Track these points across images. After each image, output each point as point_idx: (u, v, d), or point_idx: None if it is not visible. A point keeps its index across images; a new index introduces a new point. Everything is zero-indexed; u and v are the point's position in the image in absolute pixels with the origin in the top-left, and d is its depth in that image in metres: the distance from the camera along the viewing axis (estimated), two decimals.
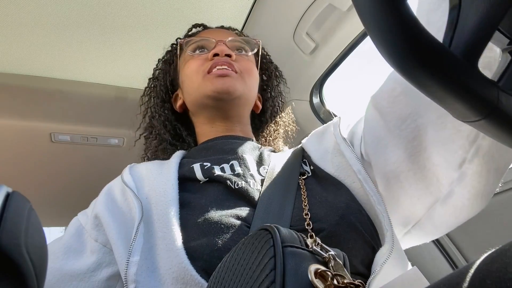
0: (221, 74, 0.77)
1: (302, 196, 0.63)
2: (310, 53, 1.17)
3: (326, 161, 0.69)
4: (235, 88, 0.77)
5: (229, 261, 0.42)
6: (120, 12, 1.09)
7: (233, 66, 0.79)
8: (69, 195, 1.65)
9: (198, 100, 0.81)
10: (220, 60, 0.79)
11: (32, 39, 1.14)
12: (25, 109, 1.32)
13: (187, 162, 0.73)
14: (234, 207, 0.61)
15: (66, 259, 0.62)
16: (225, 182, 0.65)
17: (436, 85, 0.29)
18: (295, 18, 1.12)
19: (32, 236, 0.32)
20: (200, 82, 0.79)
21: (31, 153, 1.44)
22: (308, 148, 0.75)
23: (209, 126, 0.83)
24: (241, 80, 0.80)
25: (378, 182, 0.65)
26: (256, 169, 0.71)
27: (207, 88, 0.77)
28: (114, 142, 1.49)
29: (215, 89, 0.76)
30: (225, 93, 0.77)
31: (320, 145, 0.73)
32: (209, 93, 0.77)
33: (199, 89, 0.79)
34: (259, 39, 0.92)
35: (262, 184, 0.66)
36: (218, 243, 0.54)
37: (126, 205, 0.66)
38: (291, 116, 1.03)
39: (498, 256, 0.26)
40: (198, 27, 0.98)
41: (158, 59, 0.97)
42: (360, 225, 0.59)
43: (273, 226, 0.40)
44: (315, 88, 1.33)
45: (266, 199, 0.62)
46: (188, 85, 0.83)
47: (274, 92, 0.98)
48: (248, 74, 0.82)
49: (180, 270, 0.52)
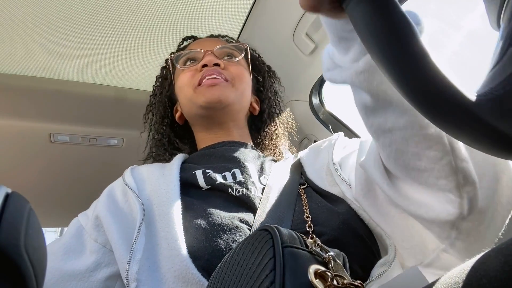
0: (210, 84, 0.80)
1: (303, 201, 0.64)
2: (310, 53, 1.17)
3: (320, 178, 0.70)
4: (226, 96, 0.80)
5: (229, 261, 0.42)
6: (120, 13, 1.09)
7: (222, 74, 0.82)
8: (69, 195, 1.65)
9: (192, 111, 0.84)
10: (208, 70, 0.81)
11: (31, 39, 1.14)
12: (24, 110, 1.32)
13: (189, 167, 0.74)
14: (236, 212, 0.62)
15: (66, 259, 0.62)
16: (227, 190, 0.66)
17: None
18: (295, 19, 1.12)
19: (32, 236, 0.32)
20: (192, 94, 0.82)
21: (30, 154, 1.44)
22: (304, 162, 0.76)
23: (207, 133, 0.86)
24: (232, 87, 0.82)
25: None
26: (258, 177, 0.72)
27: (199, 99, 0.80)
28: (114, 143, 1.49)
29: (206, 99, 0.79)
30: (216, 102, 0.79)
31: (316, 161, 0.75)
32: (201, 103, 0.80)
33: (191, 101, 0.82)
34: (247, 43, 0.94)
35: (263, 192, 0.67)
36: (220, 243, 0.55)
37: (127, 206, 0.66)
38: (289, 114, 1.04)
39: (495, 255, 0.26)
40: (189, 39, 1.00)
41: (156, 76, 1.00)
42: (360, 230, 0.59)
43: (273, 227, 0.41)
44: (314, 89, 1.33)
45: (267, 204, 0.63)
46: (182, 98, 0.87)
47: (270, 92, 0.99)
48: (239, 79, 0.84)
49: (181, 269, 0.53)
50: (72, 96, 1.35)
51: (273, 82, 1.01)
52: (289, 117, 1.03)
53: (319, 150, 0.77)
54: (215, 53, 0.86)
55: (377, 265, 0.55)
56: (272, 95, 0.99)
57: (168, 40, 0.98)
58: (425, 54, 0.28)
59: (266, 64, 1.01)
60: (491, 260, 0.26)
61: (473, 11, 0.86)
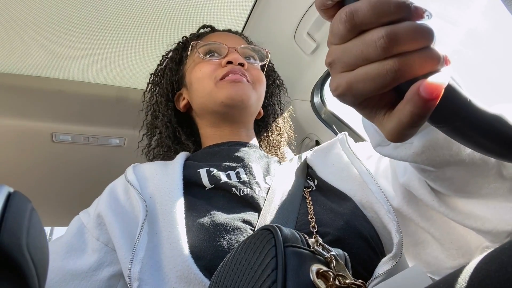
0: (234, 79, 0.78)
1: (308, 203, 0.64)
2: (311, 53, 1.17)
3: (332, 174, 0.70)
4: (248, 96, 0.79)
5: (231, 261, 0.42)
6: (121, 12, 1.09)
7: (246, 75, 0.80)
8: (70, 195, 1.65)
9: (208, 106, 0.81)
10: (234, 68, 0.79)
11: (33, 39, 1.14)
12: (26, 109, 1.33)
13: (193, 165, 0.73)
14: (240, 213, 0.61)
15: (68, 258, 0.62)
16: (231, 189, 0.66)
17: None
18: (296, 18, 1.12)
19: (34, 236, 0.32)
20: (213, 87, 0.79)
21: (32, 153, 1.44)
22: (313, 163, 0.75)
23: (214, 130, 0.84)
24: (253, 89, 0.81)
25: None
26: (262, 177, 0.72)
27: (220, 94, 0.78)
28: (115, 142, 1.50)
29: (229, 95, 0.77)
30: (239, 100, 0.77)
31: (326, 159, 0.74)
32: (223, 99, 0.77)
33: (211, 94, 0.79)
34: (268, 49, 0.92)
35: (267, 193, 0.66)
36: (222, 243, 0.55)
37: (129, 204, 0.66)
38: (289, 123, 1.05)
39: (498, 256, 0.26)
40: (206, 28, 0.98)
41: (162, 55, 0.97)
42: (365, 231, 0.59)
43: (274, 226, 0.40)
44: (316, 88, 1.33)
45: (271, 206, 0.62)
46: (198, 89, 0.83)
47: (275, 99, 0.99)
48: (259, 83, 0.84)
49: (184, 269, 0.52)
50: (74, 96, 1.35)
51: (280, 91, 1.01)
52: (289, 127, 1.03)
53: (328, 149, 0.77)
54: (239, 52, 0.84)
55: (381, 263, 0.54)
56: (276, 103, 0.99)
57: (170, 39, 0.98)
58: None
59: (276, 72, 1.01)
60: (494, 260, 0.26)
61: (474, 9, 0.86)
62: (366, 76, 0.29)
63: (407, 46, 0.28)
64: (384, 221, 0.60)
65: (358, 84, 0.29)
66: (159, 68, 0.96)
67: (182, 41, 0.94)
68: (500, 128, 0.32)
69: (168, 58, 0.95)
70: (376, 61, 0.28)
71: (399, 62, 0.28)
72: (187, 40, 0.96)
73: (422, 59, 0.28)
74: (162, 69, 0.95)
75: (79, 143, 1.45)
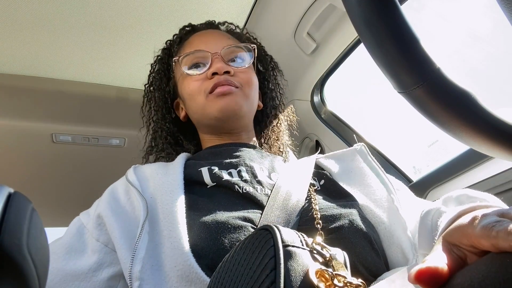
0: (223, 92, 0.77)
1: (312, 201, 0.64)
2: (311, 53, 1.17)
3: (348, 179, 0.74)
4: (239, 105, 0.78)
5: (230, 261, 0.42)
6: (121, 12, 1.09)
7: (233, 82, 0.79)
8: (71, 195, 1.66)
9: (203, 120, 0.82)
10: (220, 80, 0.78)
11: (33, 40, 1.14)
12: (26, 110, 1.33)
13: (194, 164, 0.73)
14: (242, 210, 0.61)
15: (68, 259, 0.62)
16: (233, 187, 0.66)
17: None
18: (296, 18, 1.12)
19: (34, 236, 0.32)
20: (204, 102, 0.79)
21: (32, 154, 1.44)
22: (326, 165, 0.79)
23: (215, 136, 0.85)
24: (243, 94, 0.80)
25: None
26: (266, 175, 0.72)
27: (212, 109, 0.78)
28: (115, 143, 1.50)
29: (220, 109, 0.77)
30: (231, 112, 0.78)
31: (343, 165, 0.79)
32: (215, 114, 0.78)
33: (204, 109, 0.80)
34: (254, 43, 0.91)
35: (272, 189, 0.66)
36: (224, 242, 0.55)
37: (129, 204, 0.66)
38: (291, 108, 1.02)
39: (498, 256, 0.26)
40: (187, 28, 0.95)
41: (151, 64, 0.95)
42: (369, 233, 0.60)
43: (273, 226, 0.40)
44: (316, 88, 1.33)
45: (275, 204, 0.62)
46: (191, 105, 0.83)
47: (272, 84, 0.97)
48: (248, 86, 0.82)
49: (185, 268, 0.52)
50: (74, 96, 1.35)
51: (276, 74, 0.98)
52: (291, 111, 1.01)
53: (344, 158, 0.80)
54: (223, 57, 0.82)
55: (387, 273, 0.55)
56: (274, 87, 0.97)
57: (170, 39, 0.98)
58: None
59: (269, 55, 0.99)
60: (494, 260, 0.26)
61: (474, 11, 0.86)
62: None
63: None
64: (400, 240, 0.61)
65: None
66: (151, 77, 0.94)
67: (167, 46, 0.93)
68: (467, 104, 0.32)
69: (155, 72, 0.93)
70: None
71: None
72: (171, 45, 0.94)
73: None
74: (154, 81, 0.94)
75: (79, 144, 1.45)
